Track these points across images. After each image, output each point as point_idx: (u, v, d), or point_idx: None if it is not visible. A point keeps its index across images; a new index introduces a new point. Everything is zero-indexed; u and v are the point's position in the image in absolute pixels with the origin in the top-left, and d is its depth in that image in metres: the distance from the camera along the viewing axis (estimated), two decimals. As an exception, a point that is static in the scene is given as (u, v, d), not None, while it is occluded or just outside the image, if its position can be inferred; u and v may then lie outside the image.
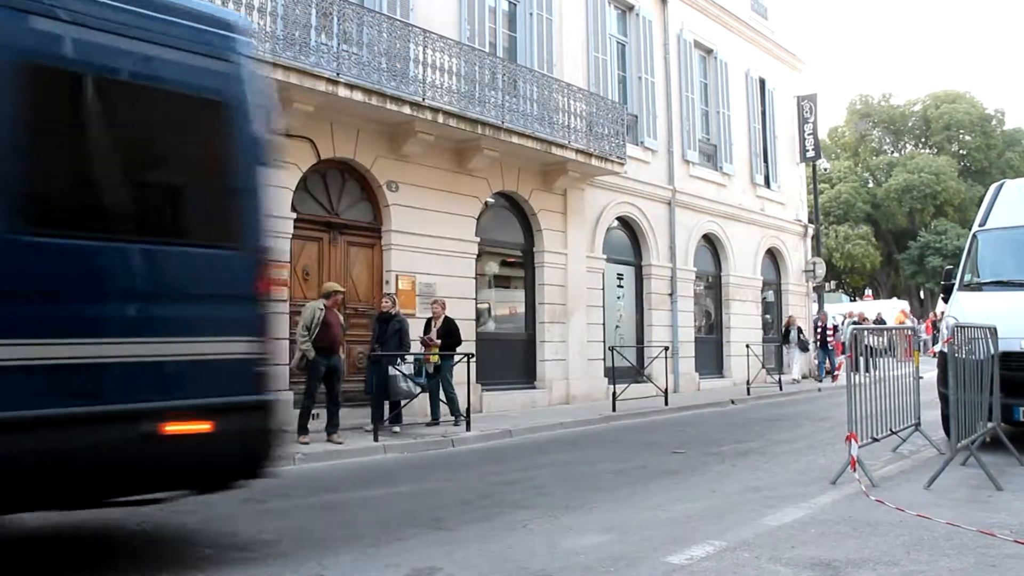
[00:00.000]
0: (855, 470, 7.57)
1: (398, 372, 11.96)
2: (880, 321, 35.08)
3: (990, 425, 8.56)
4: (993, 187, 11.52)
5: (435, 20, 14.49)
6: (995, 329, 8.74)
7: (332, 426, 11.22)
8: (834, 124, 55.42)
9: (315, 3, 12.10)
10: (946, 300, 10.83)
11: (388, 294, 12.98)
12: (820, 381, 23.75)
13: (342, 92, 12.25)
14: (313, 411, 11.26)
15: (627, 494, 7.74)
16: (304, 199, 13.17)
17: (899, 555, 5.31)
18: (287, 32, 11.74)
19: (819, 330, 24.44)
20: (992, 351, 8.65)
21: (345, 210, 13.86)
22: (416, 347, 12.96)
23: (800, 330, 23.99)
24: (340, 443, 10.94)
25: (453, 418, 12.72)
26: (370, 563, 5.37)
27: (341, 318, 11.95)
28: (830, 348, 24.12)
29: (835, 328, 24.91)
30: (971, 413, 8.00)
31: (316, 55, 12.04)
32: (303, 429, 11.02)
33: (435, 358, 12.72)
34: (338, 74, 12.19)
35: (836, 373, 23.52)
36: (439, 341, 12.89)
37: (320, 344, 11.13)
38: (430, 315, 13.39)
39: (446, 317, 13.15)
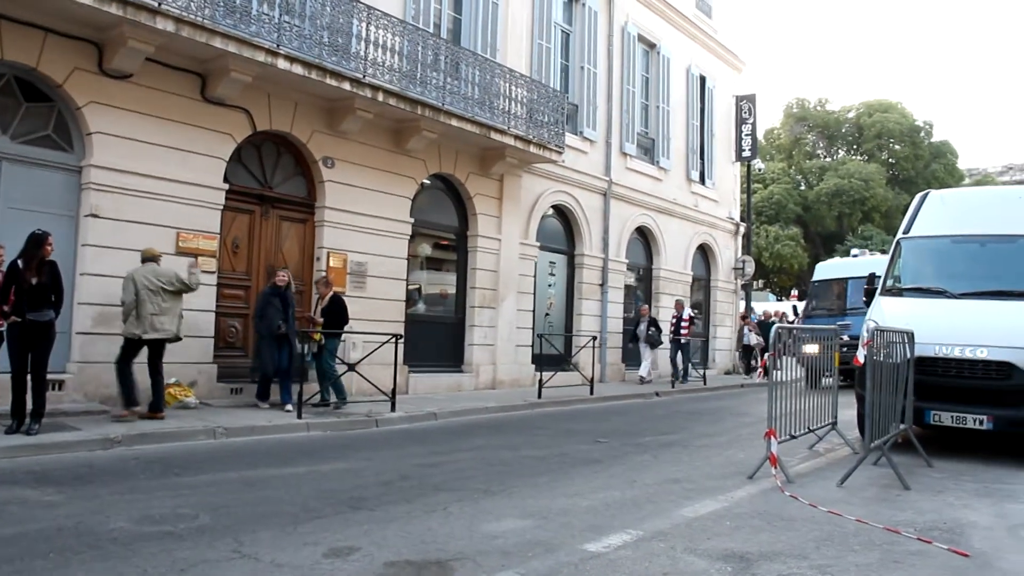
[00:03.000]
0: (775, 466, 7.73)
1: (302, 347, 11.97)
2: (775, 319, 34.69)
3: (902, 427, 8.83)
4: (918, 197, 11.85)
5: (380, -3, 14.36)
6: (912, 334, 9.00)
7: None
8: (770, 126, 56.26)
9: (258, -29, 11.88)
10: (868, 303, 11.10)
11: (285, 268, 12.53)
12: (676, 380, 20.65)
13: (281, 64, 12.05)
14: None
15: (548, 481, 7.80)
16: (237, 170, 12.94)
17: (809, 549, 5.45)
18: (228, -1, 11.51)
19: (673, 323, 21.47)
20: (908, 355, 8.91)
21: (279, 184, 13.66)
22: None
23: (653, 323, 20.89)
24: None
25: (334, 400, 12.34)
26: (288, 540, 5.33)
27: None
28: (683, 342, 21.20)
29: (691, 319, 21.80)
30: (885, 415, 8.24)
31: (256, 25, 11.81)
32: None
33: (317, 336, 12.31)
34: (278, 46, 11.98)
35: (760, 370, 23.86)
36: (321, 320, 12.48)
37: None
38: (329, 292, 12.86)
39: (333, 295, 12.70)
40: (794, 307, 24.50)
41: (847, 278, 20.94)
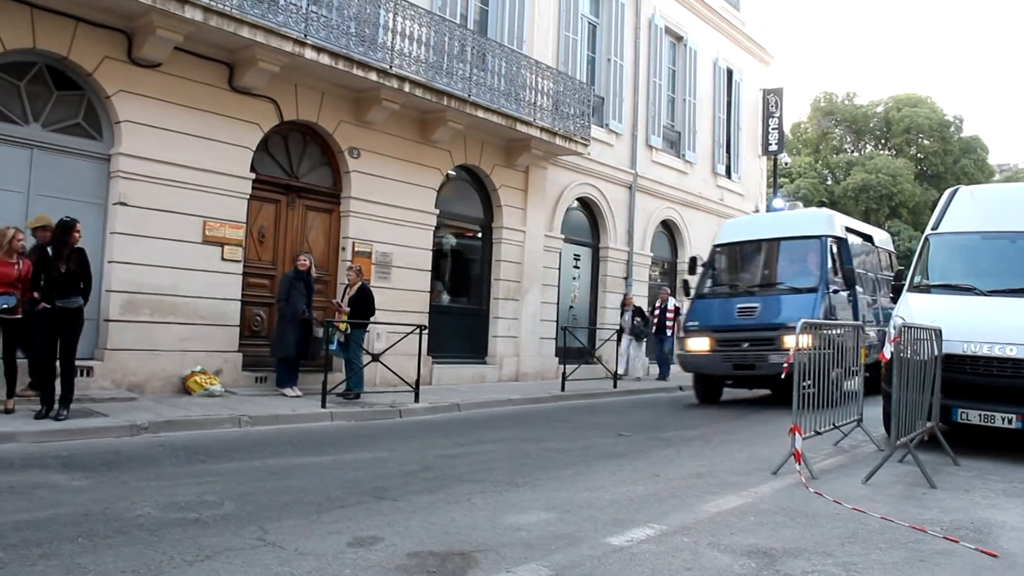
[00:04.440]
0: (799, 462, 7.68)
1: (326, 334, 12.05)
2: None
3: (929, 424, 8.74)
4: (947, 192, 11.70)
5: (407, -13, 14.35)
6: (940, 331, 8.90)
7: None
8: (797, 119, 55.86)
9: (286, -39, 11.91)
10: (895, 300, 11.01)
11: (307, 252, 12.61)
12: (661, 378, 19.56)
13: (309, 54, 12.09)
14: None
15: (571, 474, 7.79)
16: (264, 160, 13.00)
17: (834, 546, 5.40)
18: (256, -11, 11.55)
19: (656, 313, 19.44)
20: (936, 352, 8.82)
21: (305, 174, 13.71)
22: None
23: (639, 313, 19.37)
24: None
25: (349, 392, 12.15)
26: (312, 529, 5.35)
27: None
28: (667, 335, 19.21)
29: (676, 310, 19.07)
30: (912, 412, 8.15)
31: (285, 15, 11.86)
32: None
33: (343, 326, 12.24)
34: (306, 36, 12.03)
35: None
36: (347, 309, 12.43)
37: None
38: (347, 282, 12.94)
39: (362, 285, 12.66)
40: (685, 282, 17.39)
41: (763, 240, 15.48)
